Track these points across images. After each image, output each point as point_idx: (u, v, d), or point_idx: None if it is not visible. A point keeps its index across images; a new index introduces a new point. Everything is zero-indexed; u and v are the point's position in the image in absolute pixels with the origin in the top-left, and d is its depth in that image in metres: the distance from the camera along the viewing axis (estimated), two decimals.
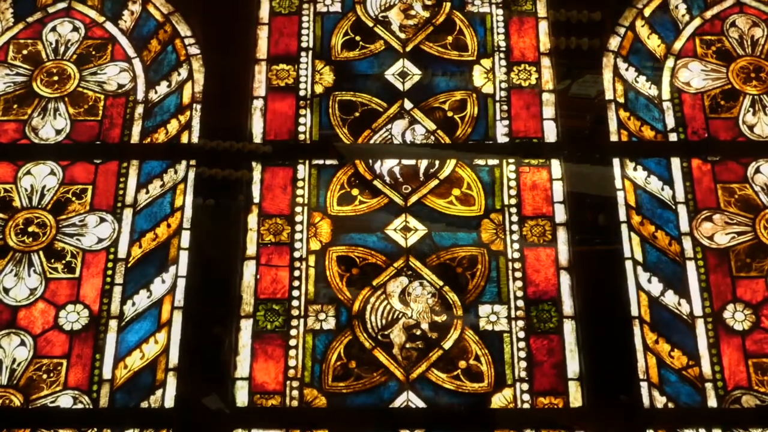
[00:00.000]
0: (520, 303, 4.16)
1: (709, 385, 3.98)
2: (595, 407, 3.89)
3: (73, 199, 4.42)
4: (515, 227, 4.33)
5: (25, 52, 4.84)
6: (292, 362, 4.05)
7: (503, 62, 4.77)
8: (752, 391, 3.97)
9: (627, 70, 4.72)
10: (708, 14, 4.88)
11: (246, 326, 4.12)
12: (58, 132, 4.63)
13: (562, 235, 4.30)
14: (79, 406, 3.97)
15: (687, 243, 4.28)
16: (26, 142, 4.61)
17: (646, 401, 3.93)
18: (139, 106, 4.68)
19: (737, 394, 3.97)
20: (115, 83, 4.75)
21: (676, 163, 4.48)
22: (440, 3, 4.93)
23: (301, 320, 4.14)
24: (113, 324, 4.12)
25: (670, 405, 3.94)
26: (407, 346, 4.07)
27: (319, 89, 4.72)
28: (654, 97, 4.66)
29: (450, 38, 4.85)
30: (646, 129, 4.58)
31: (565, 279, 4.20)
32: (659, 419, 3.92)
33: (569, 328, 4.09)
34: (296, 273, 4.24)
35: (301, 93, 4.70)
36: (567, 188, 4.37)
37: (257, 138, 4.59)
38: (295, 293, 4.20)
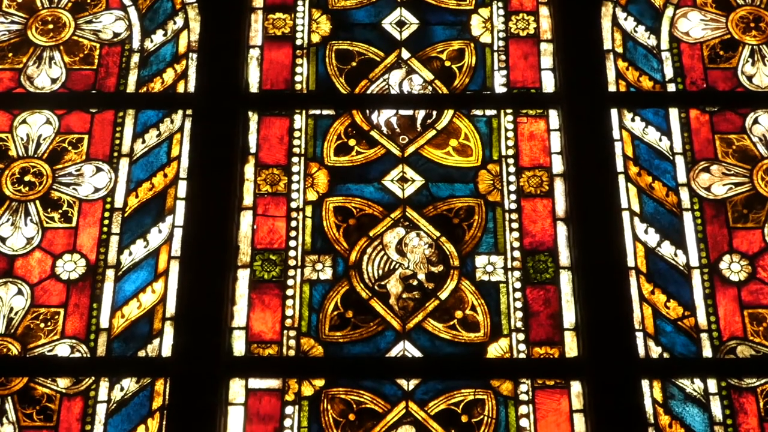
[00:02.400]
0: (517, 254, 4.17)
1: (704, 336, 4.00)
2: (590, 357, 3.90)
3: (69, 148, 4.41)
4: (512, 178, 4.33)
5: None
6: (289, 312, 4.06)
7: (501, 11, 4.74)
8: (747, 342, 3.99)
9: (626, 19, 4.69)
10: None
11: (243, 276, 4.13)
12: (53, 81, 4.60)
13: (559, 185, 4.30)
14: (77, 354, 3.99)
15: (684, 194, 4.28)
16: (21, 91, 4.59)
17: (641, 351, 3.95)
18: (135, 55, 4.65)
19: (732, 345, 3.99)
20: (110, 32, 4.71)
21: (674, 113, 4.47)
22: None
23: (298, 270, 4.15)
24: (110, 273, 4.12)
25: (666, 355, 3.97)
26: (404, 296, 4.09)
27: (315, 38, 4.69)
28: (653, 47, 4.63)
29: None
30: (644, 79, 4.56)
31: (561, 230, 4.20)
32: (654, 369, 3.94)
33: (566, 278, 4.10)
34: (293, 223, 4.24)
35: (298, 42, 4.67)
36: (565, 139, 4.36)
37: (253, 87, 4.57)
38: (292, 243, 4.20)
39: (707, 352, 3.98)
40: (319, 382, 3.93)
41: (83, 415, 3.86)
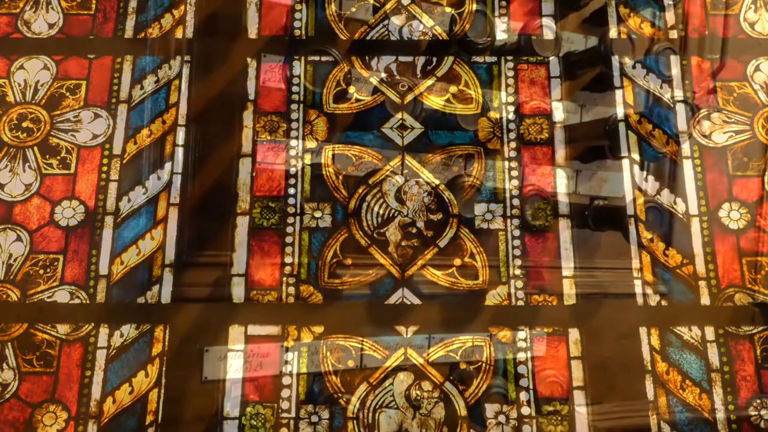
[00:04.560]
0: (516, 201, 4.16)
1: (702, 284, 4.01)
2: (587, 305, 3.92)
3: (67, 94, 4.39)
4: (512, 126, 4.31)
5: None
6: (288, 259, 4.07)
7: None
8: (745, 289, 4.01)
9: None
10: None
11: (242, 223, 4.13)
12: (50, 26, 4.57)
13: (559, 133, 4.29)
14: (76, 301, 4.00)
15: (684, 142, 4.26)
16: (19, 36, 4.56)
17: (639, 299, 3.96)
18: (133, 0, 4.61)
19: (730, 292, 4.00)
20: None
21: (675, 60, 4.44)
22: None
23: (297, 218, 4.15)
24: (109, 220, 4.13)
25: (664, 303, 3.98)
26: (403, 243, 4.09)
27: None
28: None
29: None
30: (646, 26, 4.53)
31: (561, 177, 4.20)
32: (652, 317, 3.95)
33: (564, 226, 4.10)
34: (292, 171, 4.23)
35: None
36: (565, 86, 4.34)
37: (252, 33, 4.54)
38: (291, 191, 4.20)
39: (705, 299, 3.99)
40: (319, 329, 3.95)
41: (83, 361, 3.89)
